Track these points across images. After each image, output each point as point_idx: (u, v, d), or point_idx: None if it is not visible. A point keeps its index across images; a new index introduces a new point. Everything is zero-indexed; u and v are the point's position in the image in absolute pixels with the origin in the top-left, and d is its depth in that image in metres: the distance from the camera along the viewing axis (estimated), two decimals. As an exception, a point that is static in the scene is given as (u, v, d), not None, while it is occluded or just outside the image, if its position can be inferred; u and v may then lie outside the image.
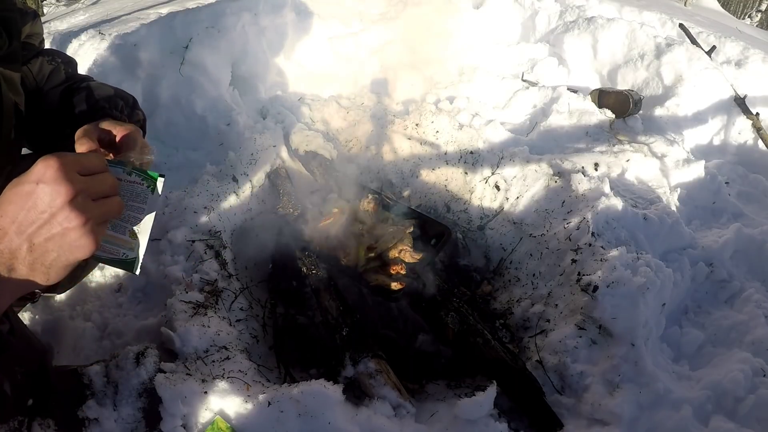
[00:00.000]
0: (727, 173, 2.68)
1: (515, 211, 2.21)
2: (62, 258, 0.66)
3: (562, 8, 3.71)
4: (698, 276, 1.97)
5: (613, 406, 1.47)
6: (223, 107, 2.55)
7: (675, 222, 2.02)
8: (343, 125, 2.73)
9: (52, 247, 0.64)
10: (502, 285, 2.07)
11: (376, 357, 1.55)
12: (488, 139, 2.53)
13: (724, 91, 2.94)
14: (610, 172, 2.30)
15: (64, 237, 0.64)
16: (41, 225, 0.64)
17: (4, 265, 0.65)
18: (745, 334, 1.78)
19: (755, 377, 1.58)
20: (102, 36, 2.53)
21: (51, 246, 0.64)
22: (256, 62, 2.93)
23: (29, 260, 0.65)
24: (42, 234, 0.64)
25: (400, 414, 1.43)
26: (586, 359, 1.62)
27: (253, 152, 2.36)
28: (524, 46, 3.50)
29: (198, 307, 1.64)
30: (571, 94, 2.86)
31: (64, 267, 0.67)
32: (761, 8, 11.92)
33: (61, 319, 1.66)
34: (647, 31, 3.15)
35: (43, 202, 0.63)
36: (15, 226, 0.63)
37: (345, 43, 3.31)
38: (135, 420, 1.32)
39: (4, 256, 0.64)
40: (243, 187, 2.22)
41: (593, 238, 1.89)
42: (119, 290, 1.79)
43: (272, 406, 1.31)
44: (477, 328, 1.69)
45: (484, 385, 1.49)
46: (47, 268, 0.65)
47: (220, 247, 1.91)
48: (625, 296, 1.66)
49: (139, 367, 1.37)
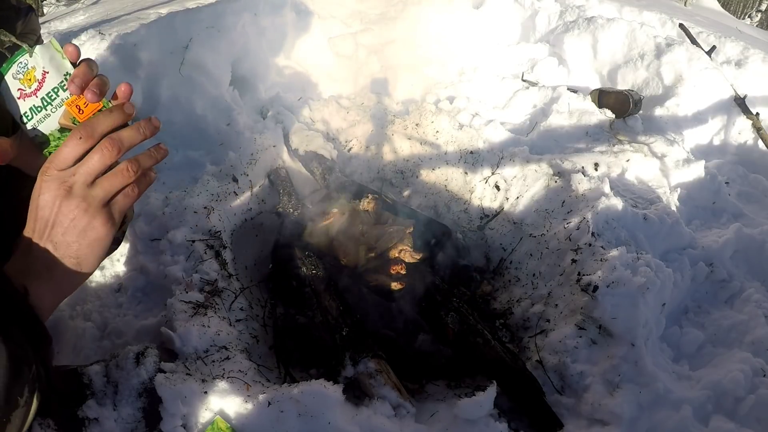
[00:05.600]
0: (727, 173, 2.68)
1: (515, 211, 2.21)
2: (84, 245, 0.73)
3: (562, 8, 3.71)
4: (698, 276, 1.97)
5: (613, 406, 1.47)
6: (223, 107, 2.55)
7: (675, 222, 2.02)
8: (343, 125, 2.73)
9: (70, 239, 0.72)
10: (502, 285, 2.07)
11: (376, 357, 1.55)
12: (488, 139, 2.53)
13: (724, 91, 2.93)
14: (610, 172, 2.30)
15: (76, 226, 0.72)
16: (53, 225, 0.72)
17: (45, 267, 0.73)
18: (745, 334, 1.78)
19: (755, 377, 1.58)
20: (102, 36, 2.53)
21: (69, 238, 0.72)
22: (256, 62, 2.93)
23: (59, 256, 0.73)
24: (58, 231, 0.72)
25: (400, 414, 1.43)
26: (586, 359, 1.62)
27: (253, 152, 2.36)
28: (524, 46, 3.50)
29: (198, 307, 1.64)
30: (571, 94, 2.86)
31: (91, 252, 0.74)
32: (761, 8, 11.93)
33: (61, 319, 1.66)
34: (647, 31, 3.15)
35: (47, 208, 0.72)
36: (36, 234, 0.73)
37: (345, 43, 3.31)
38: (135, 420, 1.32)
39: (38, 262, 0.73)
40: (243, 187, 2.22)
41: (593, 238, 1.89)
42: (119, 290, 1.79)
43: (272, 406, 1.31)
44: (477, 328, 1.69)
45: (484, 385, 1.48)
46: (76, 258, 0.73)
47: (220, 247, 1.91)
48: (625, 296, 1.66)
49: (139, 367, 1.36)
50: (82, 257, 0.74)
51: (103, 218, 0.73)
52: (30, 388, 0.70)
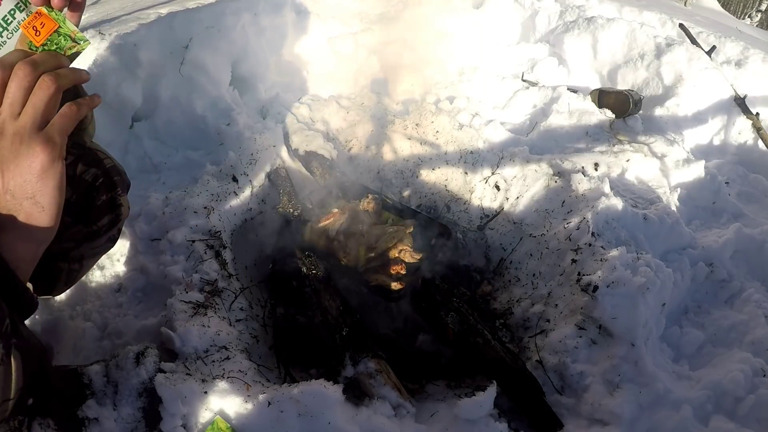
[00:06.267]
0: (727, 173, 2.68)
1: (515, 211, 2.21)
2: (34, 179, 0.68)
3: (562, 8, 3.71)
4: (698, 276, 1.97)
5: (613, 406, 1.47)
6: (223, 107, 2.55)
7: (675, 222, 2.02)
8: (343, 125, 2.73)
9: (21, 179, 0.68)
10: (502, 285, 2.07)
11: (376, 357, 1.55)
12: (488, 139, 2.53)
13: (724, 91, 2.94)
14: (610, 172, 2.30)
15: (19, 163, 0.67)
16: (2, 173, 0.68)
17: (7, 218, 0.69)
18: (745, 334, 1.78)
19: (755, 377, 1.58)
20: (102, 36, 2.53)
21: (20, 179, 0.68)
22: (256, 62, 2.93)
23: (18, 202, 0.69)
24: (8, 177, 0.68)
25: (400, 414, 1.43)
26: (586, 359, 1.62)
27: (253, 152, 2.36)
28: (524, 46, 3.50)
29: (198, 307, 1.64)
30: (571, 94, 2.86)
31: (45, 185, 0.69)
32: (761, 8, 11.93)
33: (61, 319, 1.66)
34: (647, 31, 3.15)
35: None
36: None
37: (345, 43, 3.31)
38: (135, 420, 1.32)
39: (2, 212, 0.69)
40: (243, 187, 2.22)
41: (593, 238, 1.89)
42: (119, 290, 1.79)
43: (272, 406, 1.31)
44: (477, 328, 1.69)
45: (484, 385, 1.49)
46: (33, 197, 0.69)
47: (220, 247, 1.91)
48: (625, 296, 1.66)
49: (139, 366, 1.37)
50: (38, 194, 0.69)
51: (41, 143, 0.67)
52: (4, 344, 0.66)
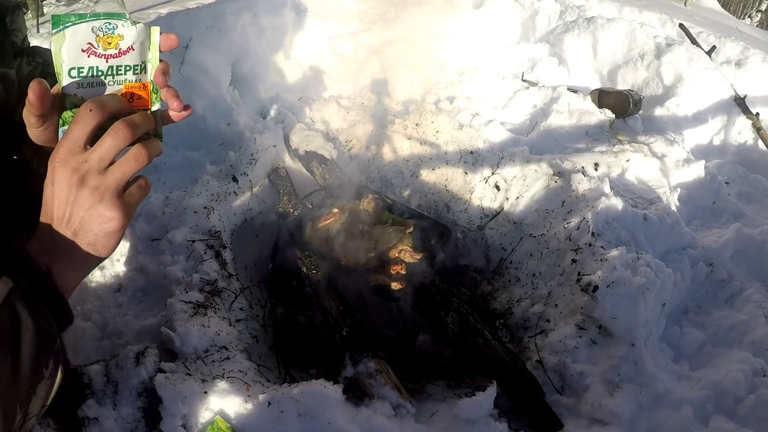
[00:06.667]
0: (727, 173, 2.68)
1: (515, 211, 2.21)
2: (101, 234, 0.73)
3: (562, 8, 3.71)
4: (698, 276, 1.97)
5: (613, 406, 1.47)
6: (223, 107, 2.55)
7: (675, 222, 2.02)
8: (343, 125, 2.73)
9: (88, 227, 0.72)
10: (502, 285, 2.07)
11: (376, 357, 1.55)
12: (488, 139, 2.53)
13: (724, 91, 2.93)
14: (610, 172, 2.30)
15: (92, 216, 0.71)
16: (71, 214, 0.71)
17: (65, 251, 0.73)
18: (745, 334, 1.78)
19: (755, 377, 1.58)
20: (102, 36, 2.53)
21: (88, 227, 0.72)
22: (256, 62, 2.93)
23: (78, 242, 0.73)
24: (75, 220, 0.72)
25: (400, 414, 1.43)
26: (586, 359, 1.62)
27: (253, 152, 2.36)
28: (524, 46, 3.50)
29: (198, 307, 1.64)
30: (571, 94, 2.86)
31: (107, 240, 0.74)
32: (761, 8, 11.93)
33: (61, 319, 1.66)
34: (647, 31, 3.15)
35: (62, 197, 0.71)
36: (56, 221, 0.72)
37: (345, 43, 3.31)
38: (135, 420, 1.32)
39: (59, 246, 0.73)
40: (243, 187, 2.22)
41: (593, 238, 1.89)
42: (119, 290, 1.79)
43: (272, 406, 1.31)
44: (477, 328, 1.69)
45: (484, 385, 1.49)
46: (93, 244, 0.73)
47: (220, 247, 1.91)
48: (625, 296, 1.66)
49: (139, 366, 1.37)
50: (98, 244, 0.74)
51: (121, 210, 0.72)
52: (54, 360, 0.70)
